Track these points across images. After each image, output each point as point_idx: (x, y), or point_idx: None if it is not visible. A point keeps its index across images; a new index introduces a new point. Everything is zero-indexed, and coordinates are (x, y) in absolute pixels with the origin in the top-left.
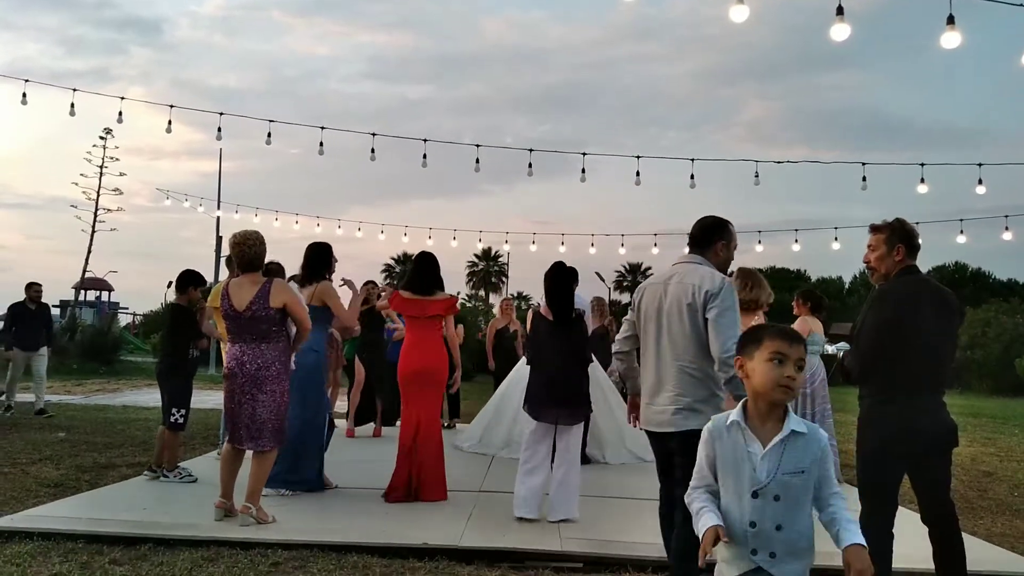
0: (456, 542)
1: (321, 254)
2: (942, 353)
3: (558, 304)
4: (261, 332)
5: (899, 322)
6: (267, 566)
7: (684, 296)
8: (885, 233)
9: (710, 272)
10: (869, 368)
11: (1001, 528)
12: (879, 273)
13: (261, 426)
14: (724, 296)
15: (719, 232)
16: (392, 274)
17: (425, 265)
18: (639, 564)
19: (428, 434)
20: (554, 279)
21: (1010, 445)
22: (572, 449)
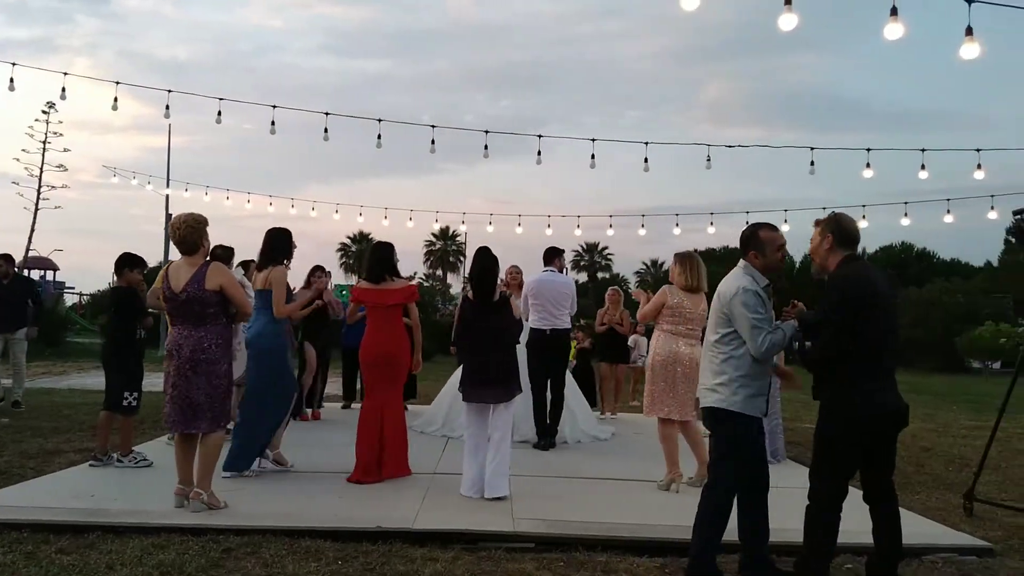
0: (410, 525)
1: (280, 239)
2: (895, 336)
3: (481, 287)
4: (197, 314)
5: (861, 308)
6: (218, 552)
7: (720, 302)
8: (820, 226)
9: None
10: (835, 354)
11: (936, 502)
12: (815, 264)
13: (196, 409)
14: (741, 303)
15: (749, 243)
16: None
17: (379, 255)
18: (590, 543)
19: (392, 418)
20: (476, 263)
21: (948, 421)
22: (502, 428)
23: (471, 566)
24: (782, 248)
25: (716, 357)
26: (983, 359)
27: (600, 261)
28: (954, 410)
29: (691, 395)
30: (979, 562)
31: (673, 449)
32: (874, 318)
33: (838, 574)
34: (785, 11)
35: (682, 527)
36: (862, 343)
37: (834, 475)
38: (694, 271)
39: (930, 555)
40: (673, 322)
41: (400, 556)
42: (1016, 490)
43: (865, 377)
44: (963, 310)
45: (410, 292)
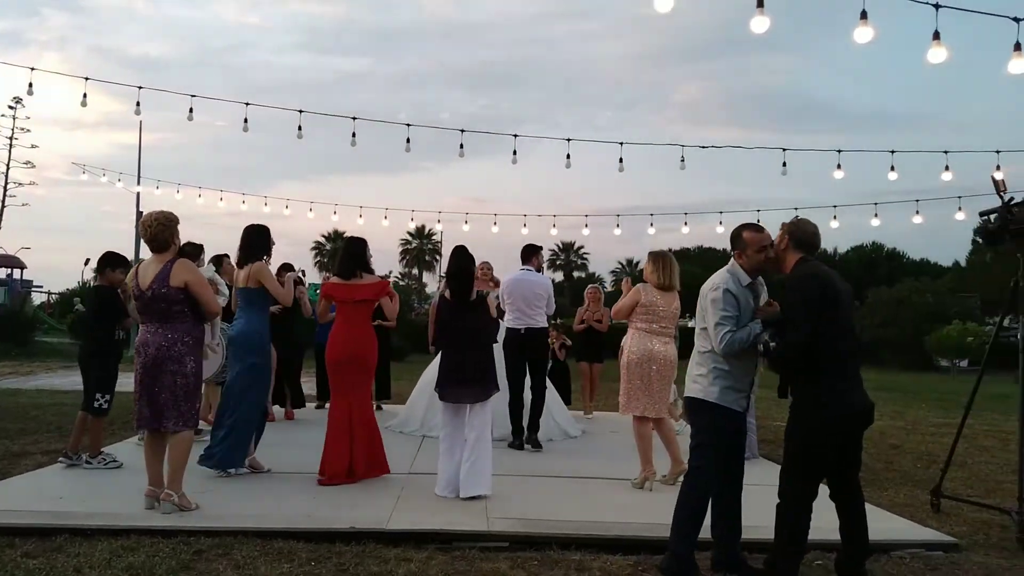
0: (383, 525)
1: (259, 236)
2: (854, 333)
3: (457, 286)
4: (162, 311)
5: (824, 308)
6: (189, 554)
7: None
8: (781, 229)
9: (718, 280)
10: (798, 354)
11: (904, 498)
12: (774, 266)
13: (162, 407)
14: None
15: (734, 244)
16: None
17: (352, 249)
18: (564, 542)
19: (362, 417)
20: (453, 262)
21: (916, 419)
22: (480, 427)
23: (445, 566)
24: (764, 249)
25: (698, 350)
26: (951, 358)
27: (576, 260)
28: (923, 408)
29: (665, 393)
30: (945, 557)
31: (648, 447)
32: (836, 317)
33: (809, 571)
34: (757, 13)
35: (655, 525)
36: (827, 343)
37: (807, 475)
38: (667, 269)
39: (898, 551)
40: (647, 320)
41: (374, 557)
42: (981, 486)
43: (835, 377)
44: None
45: (381, 288)
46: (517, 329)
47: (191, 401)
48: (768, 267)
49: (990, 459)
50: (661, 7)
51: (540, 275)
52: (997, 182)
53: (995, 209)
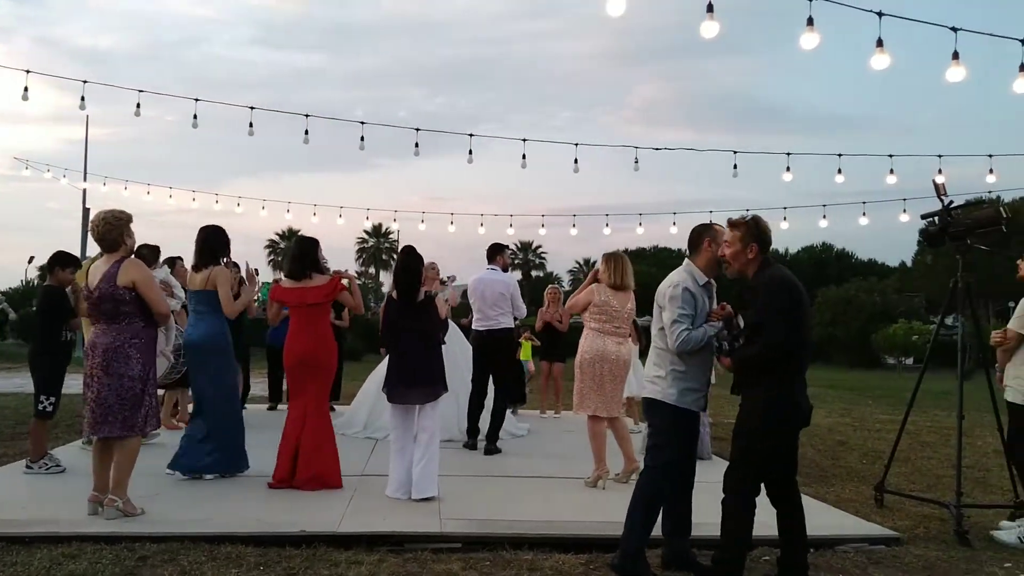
0: (334, 528)
1: (216, 237)
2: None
3: (404, 286)
4: (110, 312)
5: (798, 310)
6: (133, 560)
7: (657, 297)
8: (740, 231)
9: (675, 278)
10: (781, 355)
11: (849, 494)
12: (733, 268)
13: (107, 410)
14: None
15: (704, 233)
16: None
17: (302, 249)
18: (516, 541)
19: (317, 422)
20: (400, 262)
21: (864, 415)
22: (430, 428)
23: (397, 568)
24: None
25: (656, 351)
26: (897, 355)
27: (535, 260)
28: (869, 405)
29: (619, 393)
30: (887, 550)
31: (601, 446)
32: (802, 321)
33: (756, 566)
34: (707, 19)
35: (607, 523)
36: (796, 347)
37: (756, 473)
38: (619, 270)
39: (842, 545)
40: (600, 320)
41: (324, 560)
42: (923, 481)
43: (790, 380)
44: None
45: (332, 287)
46: (480, 331)
47: (137, 406)
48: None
49: (932, 454)
50: (613, 10)
51: (505, 275)
52: (938, 186)
53: (936, 212)
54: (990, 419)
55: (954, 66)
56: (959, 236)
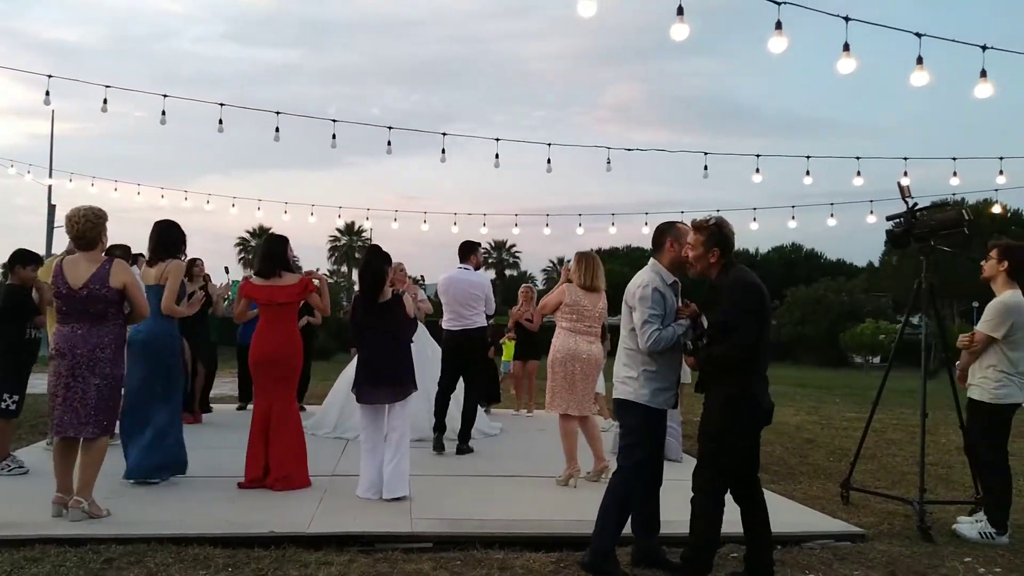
0: (304, 529)
1: (170, 232)
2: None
3: (367, 285)
4: (98, 312)
5: (764, 312)
6: (99, 563)
7: (625, 297)
8: (703, 235)
9: (643, 278)
10: (749, 355)
11: (816, 491)
12: (695, 269)
13: (91, 411)
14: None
15: (667, 233)
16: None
17: (271, 248)
18: (488, 541)
19: (283, 421)
20: (364, 261)
21: (831, 413)
22: (400, 428)
23: (367, 568)
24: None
25: (625, 352)
26: (864, 354)
27: (508, 259)
28: (837, 403)
29: (590, 391)
30: (852, 547)
31: (572, 445)
32: (767, 324)
33: (725, 563)
34: (677, 21)
35: (579, 522)
36: (760, 345)
37: (724, 471)
38: (589, 270)
39: (808, 542)
40: (572, 320)
41: (293, 561)
42: (888, 478)
43: (755, 379)
44: (847, 308)
45: (303, 287)
46: (452, 331)
47: (116, 407)
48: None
49: (897, 452)
50: (584, 11)
51: (478, 273)
52: (903, 188)
53: (901, 214)
54: (954, 417)
55: (918, 71)
56: (923, 237)
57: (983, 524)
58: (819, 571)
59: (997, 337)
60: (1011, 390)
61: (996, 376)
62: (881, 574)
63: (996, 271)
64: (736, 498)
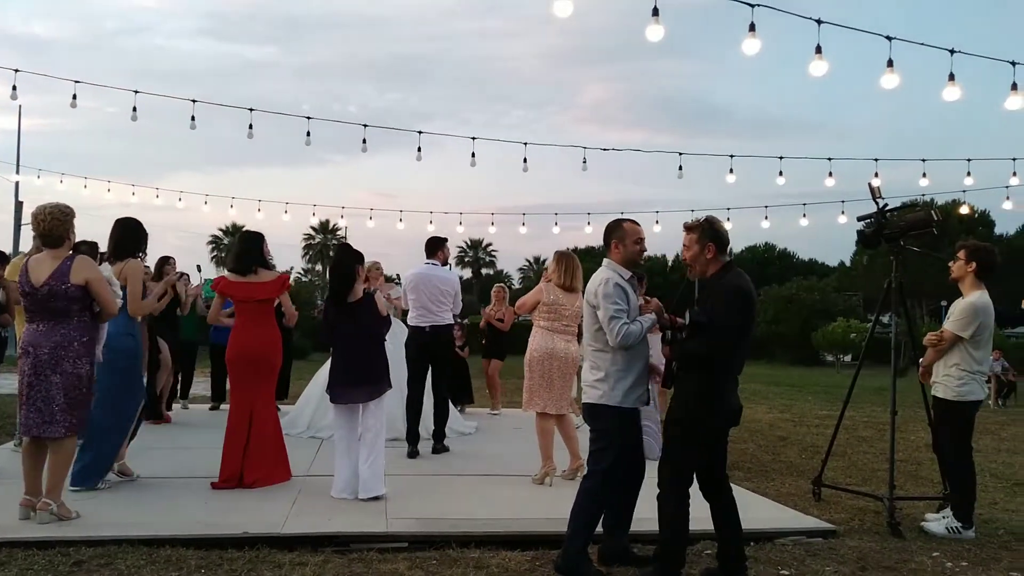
0: (278, 529)
1: (131, 230)
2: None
3: (335, 285)
4: (59, 310)
5: (746, 319)
6: (68, 566)
7: (588, 297)
8: (696, 233)
9: (602, 276)
10: (720, 355)
11: (789, 488)
12: (694, 270)
13: (54, 410)
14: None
15: (613, 233)
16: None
17: (247, 244)
18: (463, 540)
19: (263, 419)
20: (334, 260)
21: (803, 411)
22: (375, 427)
23: (342, 569)
24: (641, 241)
25: (593, 353)
26: (836, 353)
27: (484, 257)
28: (809, 401)
29: (567, 390)
30: (824, 543)
31: (548, 443)
32: (749, 330)
33: (699, 559)
34: (652, 22)
35: (554, 520)
36: (735, 351)
37: (688, 468)
38: (568, 270)
39: (781, 538)
40: (549, 319)
41: (267, 562)
42: (859, 474)
43: (725, 378)
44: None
45: (281, 283)
46: (421, 327)
47: (82, 407)
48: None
49: (868, 449)
50: (560, 11)
51: (446, 270)
52: (873, 188)
53: (871, 214)
54: (923, 414)
55: (888, 73)
56: (893, 238)
57: (950, 519)
58: (792, 567)
59: (965, 337)
60: (973, 387)
61: (958, 374)
62: (852, 569)
63: (964, 272)
64: (705, 495)
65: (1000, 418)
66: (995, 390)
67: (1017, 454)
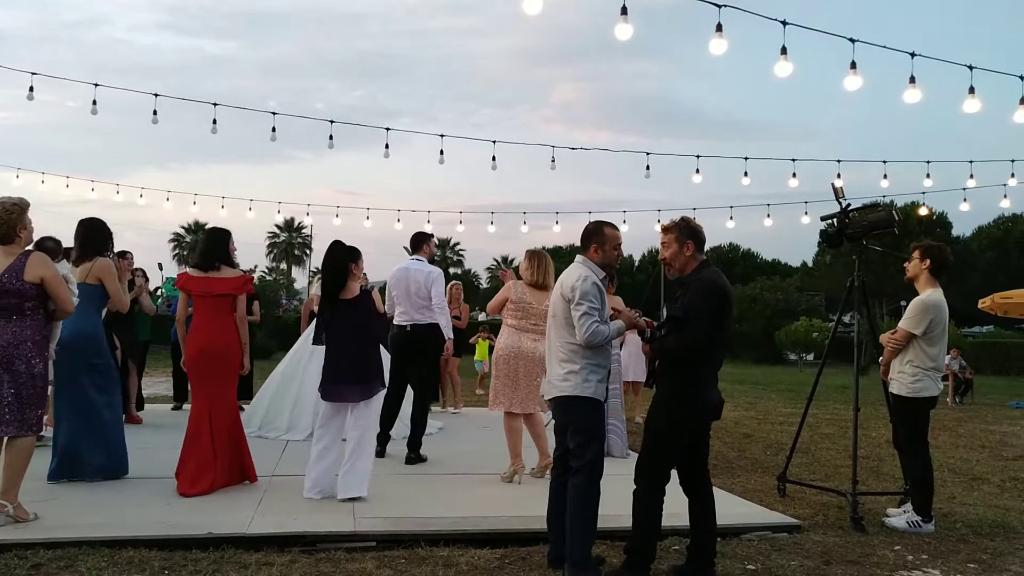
0: (243, 530)
1: (97, 230)
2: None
3: (330, 282)
4: (11, 307)
5: (722, 313)
6: (26, 569)
7: (562, 291)
8: (674, 233)
9: (580, 272)
10: (695, 352)
11: (754, 484)
12: (674, 269)
13: (5, 409)
14: (580, 292)
15: (592, 237)
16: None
17: (211, 240)
18: (432, 538)
19: (223, 419)
20: (326, 257)
21: (768, 408)
22: (363, 427)
23: (309, 568)
24: (619, 247)
25: (563, 347)
26: (798, 351)
27: (452, 257)
28: (773, 399)
29: (534, 389)
30: (789, 538)
31: (517, 441)
32: (724, 324)
33: (667, 555)
34: (620, 21)
35: (523, 517)
36: (713, 346)
37: (665, 464)
38: (540, 268)
39: (747, 533)
40: (517, 317)
41: (233, 562)
42: (823, 471)
43: (705, 376)
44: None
45: (242, 283)
46: (403, 326)
47: (36, 406)
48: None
49: (831, 445)
50: (530, 9)
51: (430, 266)
52: (836, 189)
53: (834, 214)
54: (884, 411)
55: (852, 75)
56: (856, 237)
57: (910, 514)
58: (757, 562)
59: (917, 333)
60: (926, 384)
61: (912, 371)
62: (816, 563)
63: (919, 270)
64: (685, 489)
65: (958, 415)
66: (952, 387)
67: (973, 450)
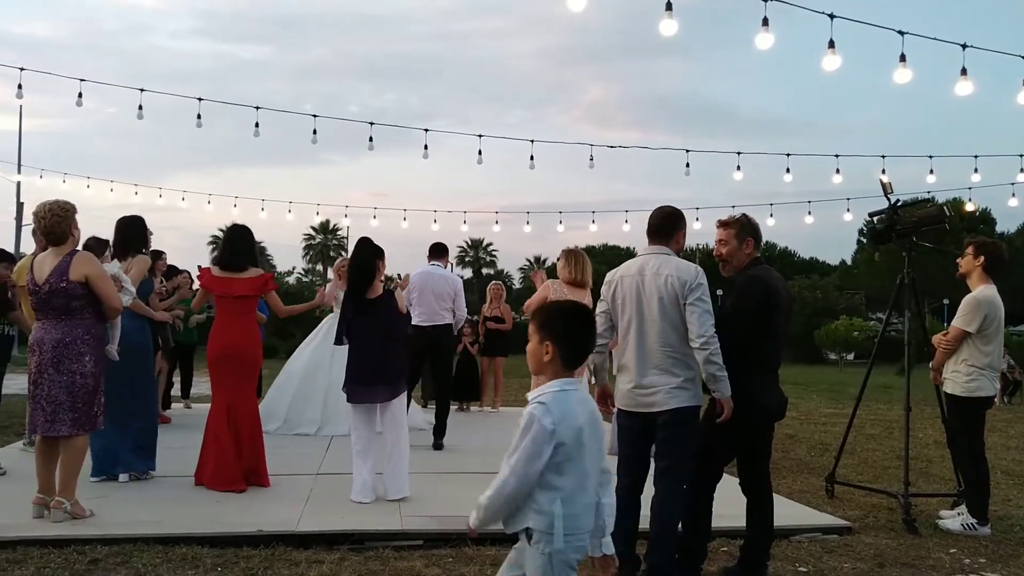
0: (293, 527)
1: (134, 228)
2: (785, 337)
3: (353, 281)
4: (61, 307)
5: (762, 311)
6: (84, 564)
7: (664, 287)
8: (734, 228)
9: (684, 264)
10: (737, 353)
11: (800, 485)
12: (731, 266)
13: (57, 408)
14: (703, 288)
15: (679, 224)
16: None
17: (234, 239)
18: (479, 537)
19: (243, 419)
20: (354, 253)
21: (810, 409)
22: (396, 428)
23: (358, 566)
24: None
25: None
26: (838, 351)
27: (485, 257)
28: (814, 399)
29: None
30: (840, 540)
31: None
32: (771, 323)
33: (716, 556)
34: (666, 16)
35: None
36: (756, 345)
37: (718, 464)
38: (578, 266)
39: (797, 535)
40: None
41: (283, 560)
42: (870, 472)
43: (767, 376)
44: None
45: (262, 283)
46: (423, 326)
47: (90, 404)
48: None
49: (877, 446)
50: (574, 6)
51: (449, 271)
52: (884, 184)
53: (883, 210)
54: (930, 412)
55: (901, 68)
56: (905, 233)
57: (965, 516)
58: (809, 563)
59: (971, 331)
60: (982, 383)
61: (967, 370)
62: (870, 566)
63: (972, 267)
64: (743, 488)
65: (1007, 415)
66: (1001, 387)
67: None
